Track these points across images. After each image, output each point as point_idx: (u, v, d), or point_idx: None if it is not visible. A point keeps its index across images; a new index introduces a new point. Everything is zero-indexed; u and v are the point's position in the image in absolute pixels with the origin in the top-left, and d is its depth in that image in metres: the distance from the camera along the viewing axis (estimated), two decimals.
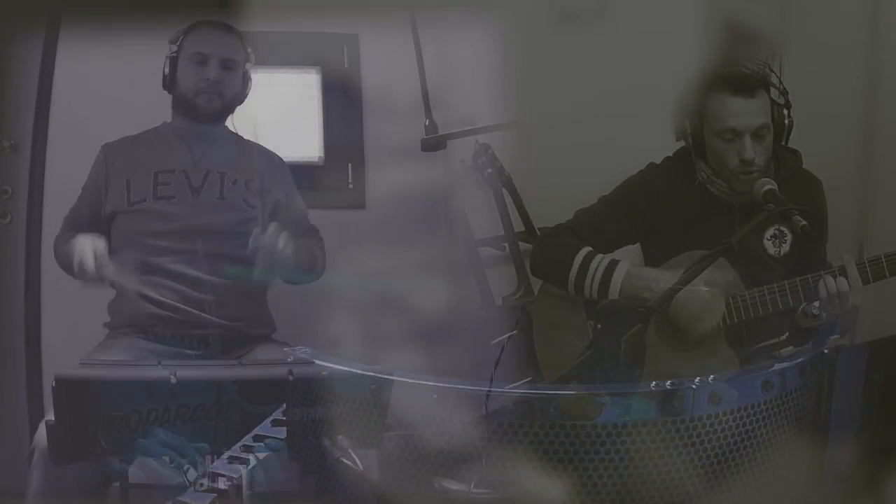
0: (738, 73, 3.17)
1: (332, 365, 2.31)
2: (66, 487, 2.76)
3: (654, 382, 2.32)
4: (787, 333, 3.14)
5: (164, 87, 3.25)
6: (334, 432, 2.31)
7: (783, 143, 3.19)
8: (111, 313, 3.22)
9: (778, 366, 2.41)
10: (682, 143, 3.26)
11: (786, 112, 3.15)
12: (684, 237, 3.19)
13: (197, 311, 3.11)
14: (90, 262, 2.97)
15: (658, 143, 3.34)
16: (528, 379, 2.71)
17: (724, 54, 3.63)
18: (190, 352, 3.11)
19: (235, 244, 3.13)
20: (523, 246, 3.86)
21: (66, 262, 3.10)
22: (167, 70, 3.22)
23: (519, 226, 3.92)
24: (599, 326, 2.68)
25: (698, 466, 2.30)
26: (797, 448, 2.44)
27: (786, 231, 3.13)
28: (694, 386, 2.29)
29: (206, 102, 3.19)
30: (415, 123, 3.66)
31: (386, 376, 2.23)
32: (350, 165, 3.96)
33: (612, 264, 3.16)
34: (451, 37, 3.84)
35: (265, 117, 3.59)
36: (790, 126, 3.17)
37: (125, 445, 2.29)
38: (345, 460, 2.29)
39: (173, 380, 2.22)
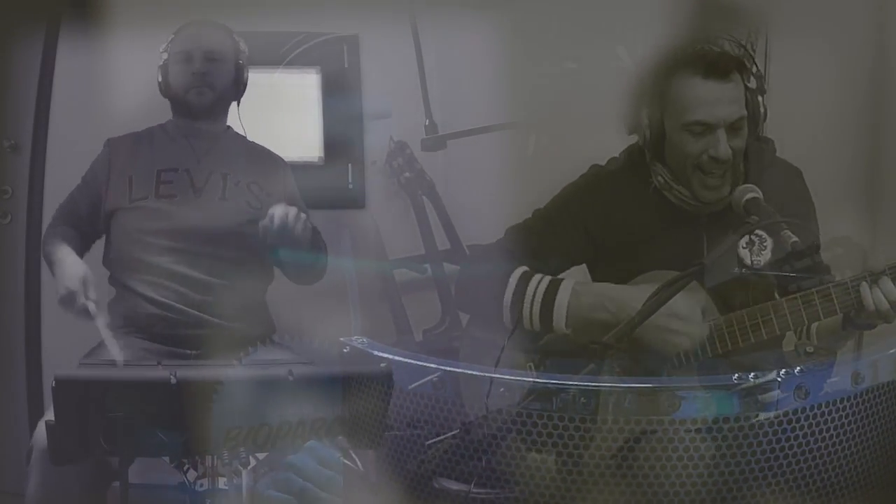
0: (709, 51, 2.70)
1: (391, 356, 2.24)
2: (66, 486, 2.76)
3: (736, 375, 2.16)
4: (774, 373, 2.48)
5: (162, 93, 3.26)
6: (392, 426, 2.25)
7: (756, 134, 2.73)
8: (111, 313, 3.21)
9: (870, 357, 2.26)
10: (631, 141, 2.81)
11: (760, 99, 2.68)
12: (640, 255, 2.71)
13: (196, 312, 3.11)
14: (78, 295, 2.95)
15: (606, 143, 2.83)
16: (456, 431, 2.23)
17: (695, 31, 3.03)
18: (189, 352, 3.10)
19: (236, 246, 3.13)
20: (449, 268, 3.39)
21: (49, 263, 3.11)
22: (160, 77, 3.24)
23: (444, 243, 3.46)
24: (543, 369, 2.42)
25: (784, 466, 2.15)
26: (892, 446, 2.29)
27: (764, 236, 2.49)
28: (779, 379, 2.12)
29: (196, 97, 3.20)
30: (415, 123, 3.61)
31: (448, 368, 2.14)
32: (350, 165, 3.92)
33: (556, 282, 2.64)
34: (451, 36, 3.75)
35: (265, 117, 3.58)
36: (765, 115, 2.69)
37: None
38: (345, 461, 2.28)
39: (173, 380, 2.21)
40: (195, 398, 2.20)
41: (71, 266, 3.00)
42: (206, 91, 3.20)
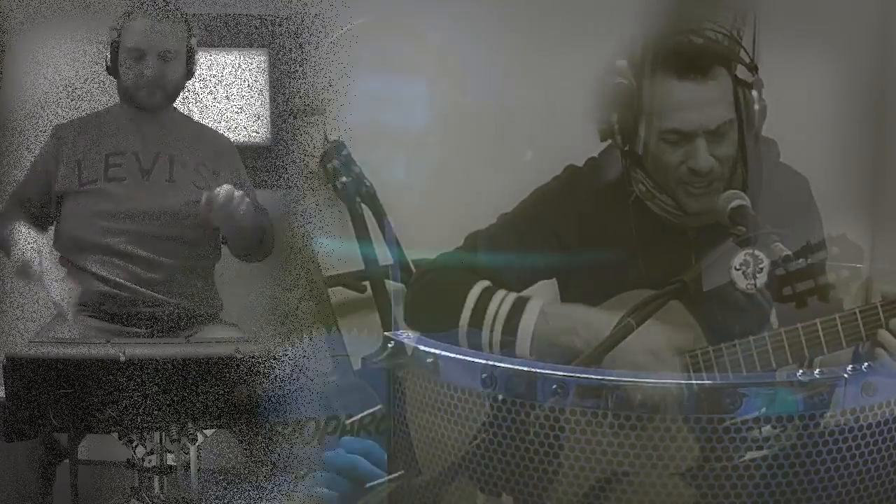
0: (686, 45, 2.32)
1: (438, 352, 2.00)
2: (15, 462, 2.79)
3: (800, 371, 1.92)
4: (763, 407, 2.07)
5: (109, 73, 3.26)
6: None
7: (755, 134, 2.34)
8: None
9: None
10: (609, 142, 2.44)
11: (755, 94, 2.29)
12: (619, 271, 2.38)
13: (145, 290, 3.14)
14: (35, 265, 2.95)
15: (584, 140, 2.45)
16: (400, 473, 2.00)
17: (674, 20, 2.53)
18: (138, 330, 3.14)
19: (184, 226, 3.16)
20: (391, 286, 3.08)
21: (4, 246, 3.13)
22: (109, 57, 3.23)
23: (386, 258, 3.12)
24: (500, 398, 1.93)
25: (852, 470, 1.91)
26: None
27: (761, 256, 2.11)
28: (846, 375, 1.88)
29: (146, 97, 3.21)
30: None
31: (499, 364, 2.03)
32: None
33: (521, 301, 2.28)
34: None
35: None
36: (763, 111, 2.31)
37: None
38: None
39: (122, 358, 2.26)
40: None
41: (25, 238, 3.00)
42: (158, 92, 3.21)
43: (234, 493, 2.67)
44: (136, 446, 2.42)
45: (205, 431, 2.45)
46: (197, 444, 2.45)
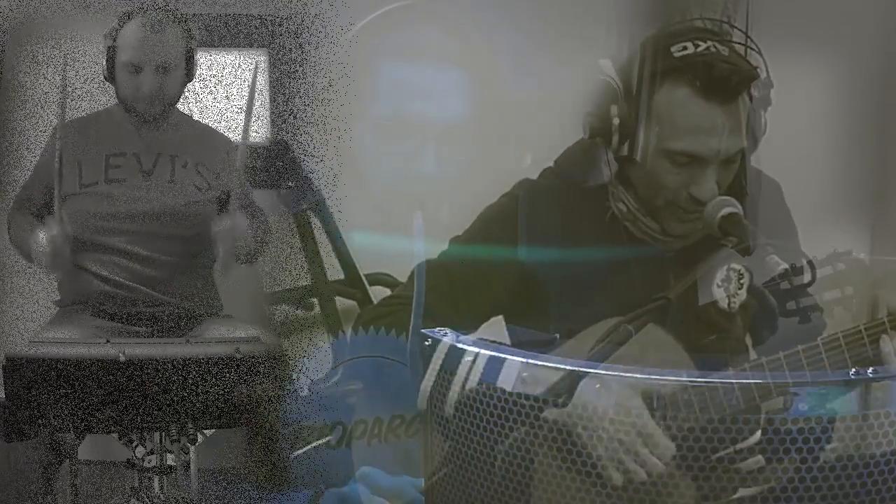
0: (718, 61, 2.05)
1: (478, 349, 1.87)
2: (15, 465, 2.80)
3: (853, 370, 1.76)
4: (758, 435, 1.82)
5: (106, 80, 3.24)
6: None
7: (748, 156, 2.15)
8: (61, 290, 3.24)
9: None
10: (572, 144, 2.24)
11: (762, 113, 2.11)
12: (587, 299, 2.14)
13: (145, 289, 3.14)
14: (51, 249, 2.96)
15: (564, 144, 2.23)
16: None
17: (663, 10, 2.40)
18: (139, 329, 3.14)
19: (185, 225, 3.16)
20: (343, 304, 2.89)
21: (23, 249, 3.13)
22: (106, 64, 3.20)
23: (336, 272, 2.96)
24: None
25: None
26: None
27: (742, 271, 1.93)
28: None
29: (146, 108, 3.19)
30: None
31: (535, 362, 1.81)
32: None
33: (496, 363, 1.89)
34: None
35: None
36: (765, 130, 2.14)
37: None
38: None
39: (122, 357, 2.26)
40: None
41: (44, 231, 3.00)
42: (156, 103, 3.19)
43: (234, 493, 2.68)
44: (136, 446, 2.42)
45: (205, 431, 2.46)
46: (197, 444, 2.45)
